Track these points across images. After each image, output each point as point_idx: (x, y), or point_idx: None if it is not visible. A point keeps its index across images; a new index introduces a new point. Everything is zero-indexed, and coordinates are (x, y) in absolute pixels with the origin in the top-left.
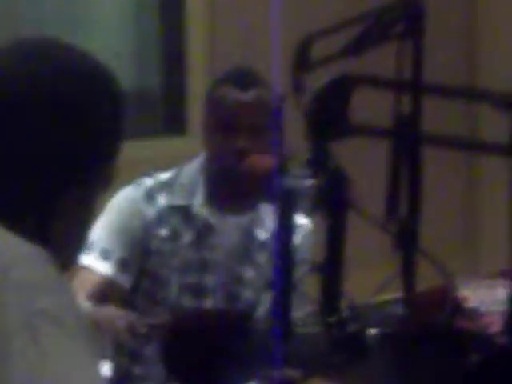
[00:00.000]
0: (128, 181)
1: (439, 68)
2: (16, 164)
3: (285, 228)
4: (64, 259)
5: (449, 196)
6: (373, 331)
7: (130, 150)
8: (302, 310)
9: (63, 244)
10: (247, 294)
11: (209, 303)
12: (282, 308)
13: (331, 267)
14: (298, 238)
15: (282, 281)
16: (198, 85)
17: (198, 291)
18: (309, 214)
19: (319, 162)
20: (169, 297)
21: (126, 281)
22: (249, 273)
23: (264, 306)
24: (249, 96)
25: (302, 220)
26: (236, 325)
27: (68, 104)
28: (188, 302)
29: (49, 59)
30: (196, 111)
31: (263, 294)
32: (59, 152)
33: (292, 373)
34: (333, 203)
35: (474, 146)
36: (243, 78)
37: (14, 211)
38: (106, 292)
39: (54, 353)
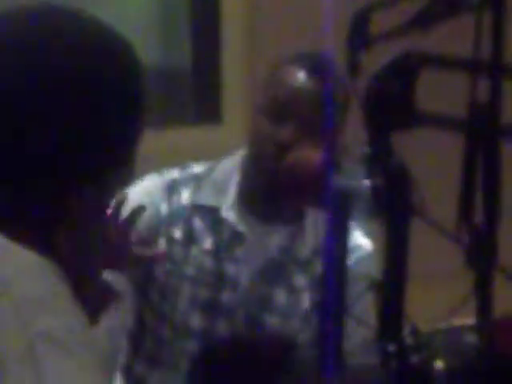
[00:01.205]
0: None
1: None
2: (17, 160)
3: (336, 238)
4: (72, 269)
5: None
6: (440, 363)
7: (158, 141)
8: (356, 338)
9: (73, 252)
10: (274, 320)
11: (222, 325)
12: (330, 335)
13: (391, 285)
14: (352, 259)
15: (331, 303)
16: (235, 63)
17: (212, 309)
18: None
19: (378, 158)
20: (176, 311)
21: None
22: (280, 296)
23: (305, 335)
24: (315, 84)
25: (360, 239)
26: (279, 356)
27: (83, 87)
28: (197, 320)
29: (57, 32)
30: (234, 95)
31: (295, 323)
32: (68, 144)
33: None
34: (394, 207)
35: None
36: (311, 62)
37: (14, 213)
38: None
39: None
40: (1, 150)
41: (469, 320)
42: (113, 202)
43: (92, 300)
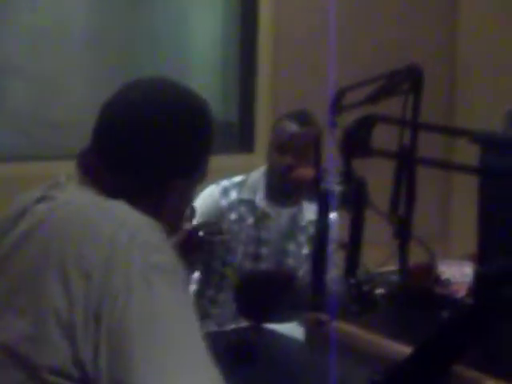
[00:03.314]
0: (211, 183)
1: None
2: (141, 162)
3: (323, 218)
4: (170, 228)
5: (431, 200)
6: (379, 291)
7: (215, 162)
8: (332, 274)
9: (171, 218)
10: (290, 262)
11: (263, 267)
12: (319, 271)
13: (353, 246)
14: None
15: (320, 253)
16: (264, 117)
17: (256, 258)
18: (337, 208)
19: (347, 174)
20: (235, 261)
21: None
22: (292, 247)
23: (303, 271)
24: (300, 129)
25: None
26: (286, 281)
27: (182, 123)
28: (248, 265)
29: (168, 93)
30: (262, 136)
31: (302, 262)
32: (171, 154)
33: (322, 316)
34: (355, 202)
35: (450, 167)
36: (299, 117)
37: (138, 193)
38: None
39: (162, 298)
40: (139, 157)
41: (394, 267)
42: (194, 191)
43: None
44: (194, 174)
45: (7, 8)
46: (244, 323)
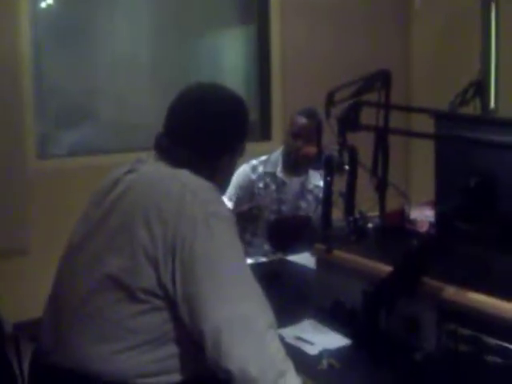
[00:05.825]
0: (243, 163)
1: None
2: (201, 142)
3: (328, 176)
4: (221, 188)
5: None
6: (370, 225)
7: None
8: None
9: (221, 182)
10: (301, 213)
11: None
12: (327, 214)
13: (350, 193)
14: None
15: (327, 202)
16: (277, 116)
17: (278, 212)
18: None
19: (343, 144)
20: (264, 215)
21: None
22: (303, 204)
23: (316, 215)
24: (307, 121)
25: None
26: (305, 223)
27: (231, 115)
28: (272, 216)
29: (221, 93)
30: (276, 129)
31: (310, 214)
32: (223, 137)
33: (328, 246)
34: (350, 163)
35: (421, 135)
36: (306, 112)
37: (198, 164)
38: None
39: (219, 237)
40: (200, 139)
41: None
42: (236, 163)
43: None
44: (237, 151)
45: (93, 45)
46: (272, 258)
